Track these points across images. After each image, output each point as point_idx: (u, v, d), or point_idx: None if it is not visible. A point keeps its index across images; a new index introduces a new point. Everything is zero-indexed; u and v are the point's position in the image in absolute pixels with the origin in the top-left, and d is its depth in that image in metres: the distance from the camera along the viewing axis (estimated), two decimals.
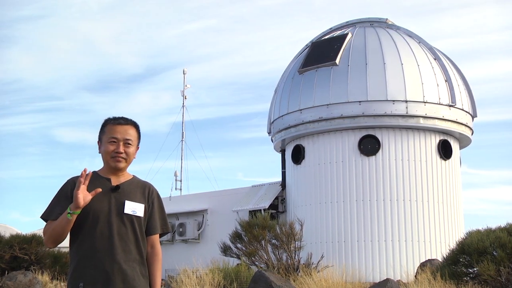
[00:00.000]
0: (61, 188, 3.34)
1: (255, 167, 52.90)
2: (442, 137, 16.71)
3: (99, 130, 3.42)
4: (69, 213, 3.08)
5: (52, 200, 3.32)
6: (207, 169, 51.75)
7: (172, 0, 51.75)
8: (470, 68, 45.90)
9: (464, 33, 46.81)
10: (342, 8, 48.35)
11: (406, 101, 16.07)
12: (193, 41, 53.36)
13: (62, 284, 12.36)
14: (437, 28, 44.63)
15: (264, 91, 54.28)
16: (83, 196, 3.08)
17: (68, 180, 3.35)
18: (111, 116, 3.42)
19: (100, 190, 3.15)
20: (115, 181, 3.34)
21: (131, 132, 3.38)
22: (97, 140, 3.43)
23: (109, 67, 53.65)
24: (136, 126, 3.44)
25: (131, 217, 3.27)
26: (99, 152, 3.39)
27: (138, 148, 3.46)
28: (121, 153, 3.32)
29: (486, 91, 43.59)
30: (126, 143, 3.34)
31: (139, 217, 3.30)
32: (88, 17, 50.55)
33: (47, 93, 54.30)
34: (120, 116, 3.43)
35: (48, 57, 53.47)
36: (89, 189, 3.28)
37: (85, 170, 3.13)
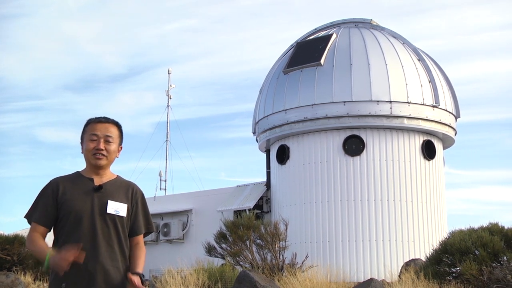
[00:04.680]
0: (42, 190, 3.32)
1: (237, 167, 52.92)
2: (426, 138, 16.83)
3: (81, 130, 3.40)
4: (46, 263, 3.07)
5: (34, 202, 3.31)
6: (192, 169, 51.57)
7: (150, 0, 51.61)
8: (451, 69, 46.36)
9: (443, 35, 47.26)
10: (322, 9, 48.60)
11: (390, 102, 16.16)
12: (173, 41, 53.31)
13: (45, 285, 12.25)
14: (415, 29, 45.07)
15: (245, 91, 54.37)
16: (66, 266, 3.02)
17: (50, 181, 3.33)
18: (93, 117, 3.42)
19: (80, 246, 3.06)
20: (98, 181, 3.33)
21: (112, 130, 3.37)
22: (79, 140, 3.41)
23: (91, 67, 53.36)
24: (117, 125, 3.43)
25: (113, 217, 3.27)
26: (82, 152, 3.38)
27: (121, 148, 3.45)
28: (102, 149, 3.30)
29: (468, 92, 44.08)
30: (107, 140, 3.33)
31: (121, 217, 3.30)
32: (67, 16, 50.26)
33: (29, 92, 53.88)
34: (103, 116, 3.42)
35: (29, 56, 53.03)
36: (71, 190, 3.27)
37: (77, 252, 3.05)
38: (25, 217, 3.30)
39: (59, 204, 3.24)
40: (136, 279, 3.17)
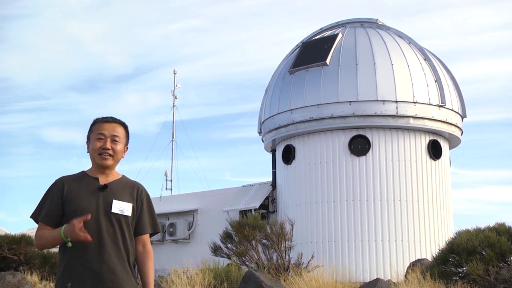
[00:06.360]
0: (48, 189, 3.33)
1: (242, 167, 52.94)
2: (432, 137, 16.78)
3: (87, 130, 3.42)
4: (66, 239, 3.12)
5: (40, 201, 3.33)
6: (197, 169, 51.60)
7: (154, 0, 51.70)
8: (453, 69, 46.09)
9: (445, 34, 47.15)
10: (324, 9, 48.57)
11: (396, 101, 16.12)
12: (177, 41, 53.40)
13: (51, 284, 12.29)
14: (418, 29, 45.02)
15: (249, 91, 54.38)
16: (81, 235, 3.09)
17: (55, 181, 3.35)
18: (100, 116, 3.43)
19: (89, 217, 3.12)
20: (103, 181, 3.34)
21: (118, 130, 3.39)
22: (85, 140, 3.43)
23: (95, 67, 53.50)
24: (124, 125, 3.45)
25: (118, 217, 3.27)
26: (88, 152, 3.39)
27: (127, 148, 3.46)
28: (108, 149, 3.32)
29: (471, 92, 43.97)
30: (113, 140, 3.35)
31: (126, 216, 3.30)
32: (71, 16, 50.43)
33: (33, 93, 54.09)
34: (109, 116, 3.44)
35: (33, 57, 53.24)
36: (77, 189, 3.28)
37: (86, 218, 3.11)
38: (31, 217, 3.32)
39: (64, 203, 3.25)
40: None
